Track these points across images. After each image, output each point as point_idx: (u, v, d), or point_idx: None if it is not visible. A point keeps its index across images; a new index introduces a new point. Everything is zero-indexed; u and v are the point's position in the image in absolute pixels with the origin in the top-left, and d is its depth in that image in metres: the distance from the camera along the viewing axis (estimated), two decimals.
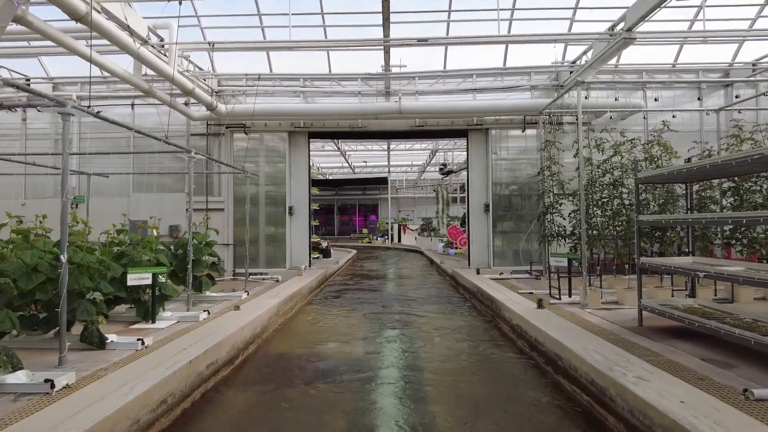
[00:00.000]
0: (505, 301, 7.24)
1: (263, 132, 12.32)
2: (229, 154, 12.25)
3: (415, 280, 13.01)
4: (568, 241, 9.47)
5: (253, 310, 6.71)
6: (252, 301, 7.85)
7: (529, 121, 12.09)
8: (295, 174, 12.51)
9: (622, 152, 8.25)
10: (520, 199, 12.31)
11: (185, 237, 9.11)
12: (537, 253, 12.15)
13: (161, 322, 6.70)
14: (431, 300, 9.77)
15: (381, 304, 9.25)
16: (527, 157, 12.28)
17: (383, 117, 11.41)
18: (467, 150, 12.64)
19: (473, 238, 12.38)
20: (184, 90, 9.48)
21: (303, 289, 9.33)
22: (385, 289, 11.55)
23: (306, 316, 8.31)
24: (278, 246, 12.24)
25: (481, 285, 9.09)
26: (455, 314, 8.35)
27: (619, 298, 8.00)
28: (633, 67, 12.26)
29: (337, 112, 11.13)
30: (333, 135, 13.29)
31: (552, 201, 9.46)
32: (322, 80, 12.26)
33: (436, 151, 21.92)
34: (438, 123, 12.16)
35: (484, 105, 11.17)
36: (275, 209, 12.29)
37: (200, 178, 12.21)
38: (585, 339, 5.09)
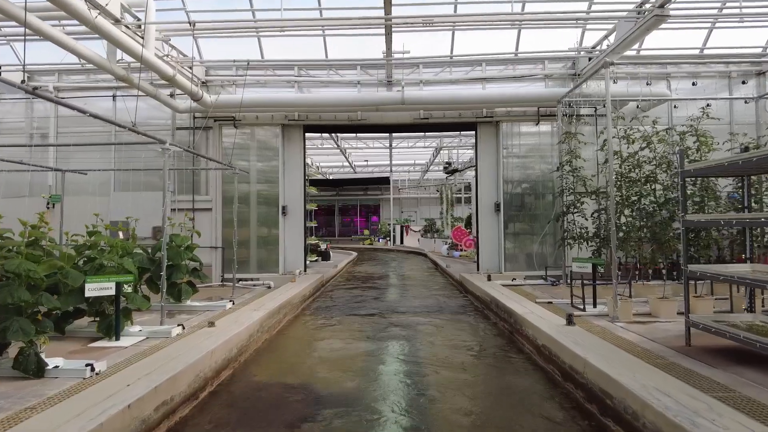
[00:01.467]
0: (526, 315, 6.25)
1: (254, 125, 11.38)
2: (217, 150, 11.31)
3: (420, 287, 12.02)
4: (590, 244, 8.49)
5: (231, 327, 5.74)
6: (233, 314, 6.87)
7: (544, 114, 11.11)
8: (289, 171, 11.56)
9: (655, 144, 7.27)
10: (533, 198, 11.34)
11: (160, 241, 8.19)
12: (552, 257, 11.18)
13: (126, 339, 5.76)
14: (438, 311, 8.77)
15: (382, 316, 8.27)
16: (541, 152, 11.31)
17: (385, 108, 10.46)
18: (476, 145, 11.68)
19: (482, 241, 11.40)
20: (163, 76, 8.55)
21: (294, 298, 8.35)
22: (386, 297, 10.57)
23: (296, 331, 7.33)
24: (271, 249, 11.30)
25: (495, 294, 8.12)
26: (466, 329, 7.34)
27: (653, 310, 7.03)
28: (655, 52, 11.28)
29: (334, 103, 10.17)
30: (330, 129, 12.35)
31: (573, 199, 8.49)
32: (318, 69, 11.32)
33: (441, 149, 20.96)
34: (444, 115, 11.20)
35: (495, 94, 10.21)
36: (268, 209, 11.35)
37: (186, 176, 11.29)
38: (633, 367, 4.12)
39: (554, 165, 11.23)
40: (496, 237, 11.35)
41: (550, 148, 11.30)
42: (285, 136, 11.54)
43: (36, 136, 11.77)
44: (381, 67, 11.03)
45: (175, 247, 7.94)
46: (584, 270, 7.83)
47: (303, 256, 11.51)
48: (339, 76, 11.20)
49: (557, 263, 11.13)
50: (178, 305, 7.99)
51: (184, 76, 9.42)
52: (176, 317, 7.40)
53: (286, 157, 11.54)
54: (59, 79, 11.51)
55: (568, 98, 8.92)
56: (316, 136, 20.06)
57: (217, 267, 11.18)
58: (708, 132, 7.19)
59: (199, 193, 11.36)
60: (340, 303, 9.61)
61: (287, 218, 11.50)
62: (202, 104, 10.14)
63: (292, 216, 11.50)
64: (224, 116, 11.16)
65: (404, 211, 36.82)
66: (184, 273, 7.96)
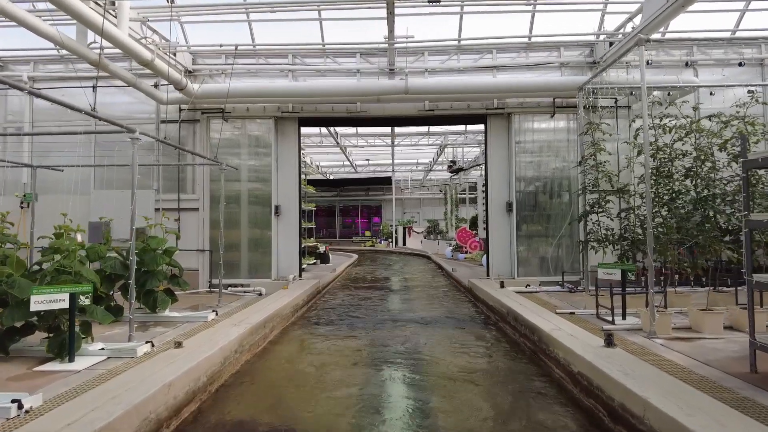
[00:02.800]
0: (553, 333, 5.30)
1: (245, 118, 10.50)
2: (205, 145, 10.43)
3: (425, 294, 11.07)
4: (616, 248, 7.58)
5: (203, 347, 4.81)
6: (209, 330, 5.94)
7: (560, 105, 10.21)
8: (283, 168, 10.67)
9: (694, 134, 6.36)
10: (548, 197, 10.43)
11: (138, 243, 7.32)
12: (568, 261, 10.27)
13: (82, 360, 4.88)
14: (447, 323, 7.81)
15: (384, 330, 7.31)
16: (557, 147, 10.40)
17: (387, 99, 9.56)
18: (486, 140, 10.77)
19: (493, 243, 10.49)
20: (140, 59, 7.68)
21: (285, 309, 7.44)
22: (388, 306, 9.63)
23: (283, 350, 6.35)
24: (263, 252, 10.40)
25: (511, 304, 7.20)
26: (481, 347, 6.39)
27: (694, 323, 6.13)
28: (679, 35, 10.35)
29: (331, 92, 9.28)
30: (327, 122, 11.44)
31: (598, 198, 7.57)
32: (313, 56, 10.43)
33: (445, 147, 20.07)
34: (451, 107, 10.30)
35: (507, 83, 9.31)
36: (260, 210, 10.46)
37: (172, 173, 10.41)
38: (701, 405, 3.22)
39: (571, 161, 10.34)
40: (508, 239, 10.44)
41: (566, 143, 10.39)
42: (278, 130, 10.65)
43: (11, 131, 10.92)
44: (382, 54, 10.14)
45: (150, 250, 7.07)
46: (612, 277, 6.94)
47: (298, 260, 10.61)
48: (337, 64, 10.32)
49: (573, 268, 10.23)
50: (154, 316, 7.12)
51: (166, 63, 8.55)
52: (150, 330, 6.54)
53: (279, 152, 10.65)
54: (35, 69, 10.66)
55: (591, 85, 8.00)
56: (314, 132, 19.22)
57: (204, 272, 10.30)
58: (757, 119, 6.28)
59: (186, 192, 10.48)
60: (336, 314, 8.66)
61: (281, 219, 10.61)
62: (186, 94, 9.27)
63: (286, 216, 10.61)
64: (212, 108, 10.29)
65: (407, 212, 35.93)
66: (161, 280, 7.10)
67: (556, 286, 9.94)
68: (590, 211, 7.59)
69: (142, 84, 8.95)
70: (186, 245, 10.25)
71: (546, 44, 10.33)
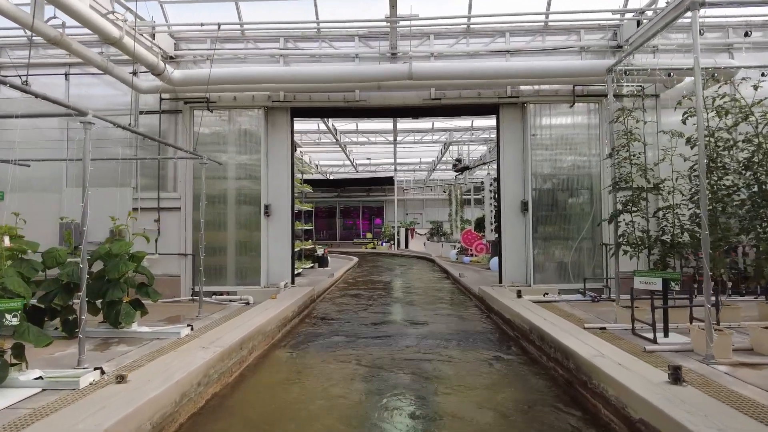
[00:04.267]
0: (596, 361, 4.22)
1: (232, 108, 9.51)
2: (188, 138, 9.45)
3: (431, 304, 9.98)
4: (652, 253, 6.56)
5: (153, 382, 3.78)
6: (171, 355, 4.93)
7: (580, 93, 9.21)
8: (274, 163, 9.68)
9: (755, 117, 5.34)
10: (567, 196, 9.41)
11: (104, 246, 6.35)
12: (590, 266, 9.25)
13: (7, 395, 3.89)
14: (459, 342, 6.71)
15: (386, 350, 6.25)
16: (577, 140, 9.39)
17: (388, 86, 8.56)
18: (498, 132, 9.75)
19: (506, 246, 9.47)
20: (105, 37, 6.70)
21: (269, 324, 6.40)
22: (391, 319, 8.58)
23: (262, 379, 5.24)
24: (252, 257, 9.40)
25: (533, 318, 6.17)
26: (503, 375, 5.30)
27: (757, 343, 5.13)
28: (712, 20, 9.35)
29: (327, 77, 8.27)
30: (322, 112, 10.40)
31: (632, 195, 6.55)
32: (307, 41, 9.44)
33: (450, 144, 19.04)
34: (460, 95, 9.29)
35: (523, 66, 8.30)
36: (249, 209, 9.46)
37: (153, 170, 9.43)
38: None
39: (592, 156, 9.34)
40: (523, 242, 9.41)
41: (587, 136, 9.38)
42: (269, 121, 9.65)
43: None
44: (383, 37, 9.15)
45: (113, 255, 6.08)
46: (651, 287, 5.93)
47: (290, 265, 9.60)
48: (333, 49, 9.33)
49: (595, 274, 9.21)
50: (120, 332, 6.15)
51: (139, 44, 7.57)
52: (110, 350, 5.57)
53: (270, 146, 9.65)
54: (0, 54, 9.70)
55: (623, 66, 6.97)
56: (312, 129, 18.21)
57: (186, 278, 9.31)
58: None
59: (167, 190, 9.50)
60: (330, 329, 7.58)
61: (271, 220, 9.61)
62: (165, 80, 8.30)
63: (278, 217, 9.61)
64: (196, 98, 9.32)
65: (409, 213, 34.93)
66: (126, 290, 6.11)
67: (577, 295, 8.93)
68: (624, 209, 6.56)
69: (115, 69, 7.98)
70: (167, 248, 9.30)
71: (564, 26, 9.34)
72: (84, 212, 4.93)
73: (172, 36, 9.47)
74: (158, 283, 9.47)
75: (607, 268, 9.14)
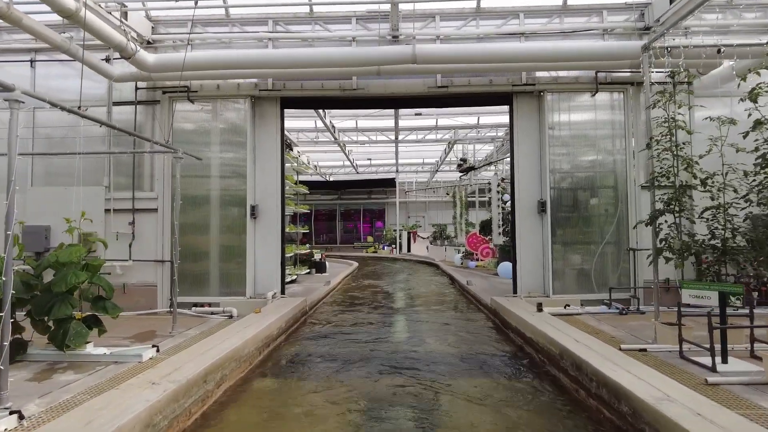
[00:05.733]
0: (663, 408, 3.08)
1: (216, 98, 8.56)
2: (167, 131, 8.50)
3: (438, 318, 8.86)
4: (706, 261, 5.55)
5: None
6: (108, 396, 3.91)
7: (603, 80, 8.24)
8: (262, 159, 8.71)
9: None
10: (589, 195, 8.43)
11: (53, 255, 5.39)
12: (616, 274, 8.27)
13: None
14: (473, 369, 5.60)
15: (385, 381, 5.14)
16: (600, 133, 8.42)
17: (389, 71, 7.60)
18: (511, 124, 8.77)
19: (521, 252, 8.47)
20: (60, 9, 5.75)
21: (246, 347, 5.34)
22: (391, 337, 7.49)
23: (229, 422, 4.12)
24: (238, 264, 8.42)
25: (562, 339, 5.16)
26: (533, 422, 4.25)
27: None
28: None
29: (320, 61, 7.30)
30: (316, 102, 9.39)
31: (675, 193, 5.55)
32: (299, 24, 8.50)
33: (454, 143, 18.07)
34: (469, 83, 8.32)
35: (541, 49, 7.32)
36: (235, 211, 8.49)
37: (126, 167, 8.48)
38: None
39: (616, 150, 8.37)
40: (540, 247, 8.42)
41: (610, 128, 8.41)
42: (256, 113, 8.69)
43: None
44: (384, 19, 8.20)
45: (59, 265, 5.11)
46: (704, 303, 4.96)
47: (279, 273, 8.60)
48: (327, 31, 8.38)
49: (621, 282, 8.22)
50: (71, 354, 5.16)
51: (104, 20, 6.63)
52: (53, 378, 4.61)
53: (257, 140, 8.69)
54: None
55: (662, 42, 5.98)
56: (309, 127, 17.29)
57: (164, 287, 8.34)
58: None
59: (143, 189, 8.55)
60: (322, 351, 6.46)
61: (259, 222, 8.64)
62: (137, 64, 7.35)
63: (266, 219, 8.63)
64: (175, 87, 8.38)
65: (411, 216, 33.96)
66: (76, 305, 5.15)
67: (601, 306, 7.94)
68: (667, 209, 5.57)
69: (79, 52, 7.02)
70: (142, 254, 8.35)
71: (585, 6, 8.38)
72: (9, 213, 3.95)
73: (150, 19, 8.55)
74: (133, 292, 8.58)
75: (635, 277, 8.15)
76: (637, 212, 8.17)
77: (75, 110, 4.89)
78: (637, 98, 8.31)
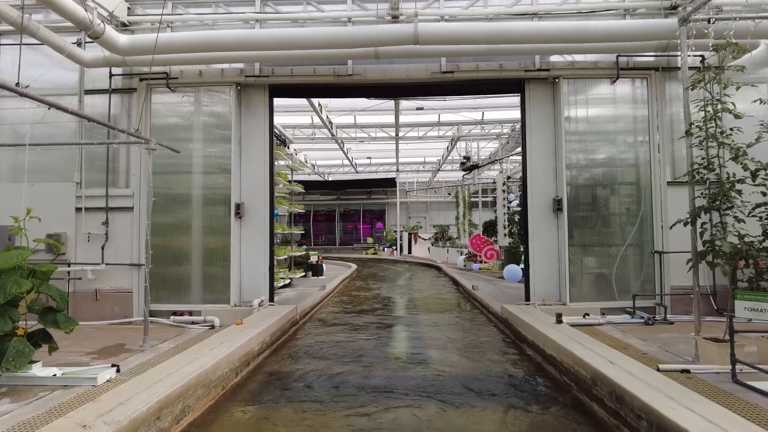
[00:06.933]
0: None
1: (198, 86, 7.79)
2: (144, 122, 7.72)
3: (442, 330, 7.83)
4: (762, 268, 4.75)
5: None
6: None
7: (624, 66, 7.47)
8: (249, 153, 7.92)
9: None
10: (609, 192, 7.64)
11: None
12: (639, 279, 7.48)
13: None
14: (485, 396, 4.70)
15: (383, 417, 4.35)
16: (621, 124, 7.63)
17: (389, 53, 6.82)
18: (523, 115, 7.98)
19: (534, 254, 7.67)
20: None
21: (218, 368, 4.45)
22: (391, 351, 6.58)
23: None
24: (223, 268, 7.64)
25: (595, 362, 4.32)
26: None
27: None
28: None
29: (312, 41, 6.50)
30: (308, 90, 8.51)
31: (721, 187, 4.76)
32: (289, 4, 7.74)
33: (457, 140, 17.28)
34: (477, 67, 7.53)
35: (557, 29, 6.51)
36: (219, 210, 7.71)
37: (100, 163, 7.71)
38: None
39: (638, 143, 7.59)
40: (555, 249, 7.63)
41: (632, 119, 7.63)
42: (242, 102, 7.91)
43: None
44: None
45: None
46: (763, 317, 4.19)
47: (267, 278, 7.80)
48: (320, 11, 7.61)
49: (644, 289, 7.43)
50: (16, 376, 4.38)
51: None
52: None
53: (243, 132, 7.92)
54: None
55: (703, 15, 5.18)
56: (305, 123, 16.52)
57: (140, 294, 7.53)
58: None
59: (118, 186, 7.78)
60: (309, 372, 5.50)
61: (245, 222, 7.85)
62: (106, 45, 6.58)
63: (253, 219, 7.85)
64: (154, 73, 7.61)
65: (412, 217, 33.19)
66: (16, 320, 4.36)
67: (624, 315, 7.17)
68: (710, 207, 4.78)
69: (41, 31, 6.27)
70: (116, 257, 7.58)
71: None
72: None
73: None
74: (106, 299, 7.79)
75: (661, 282, 7.36)
76: (663, 211, 7.39)
77: (33, 95, 4.11)
78: (662, 85, 7.54)
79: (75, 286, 7.55)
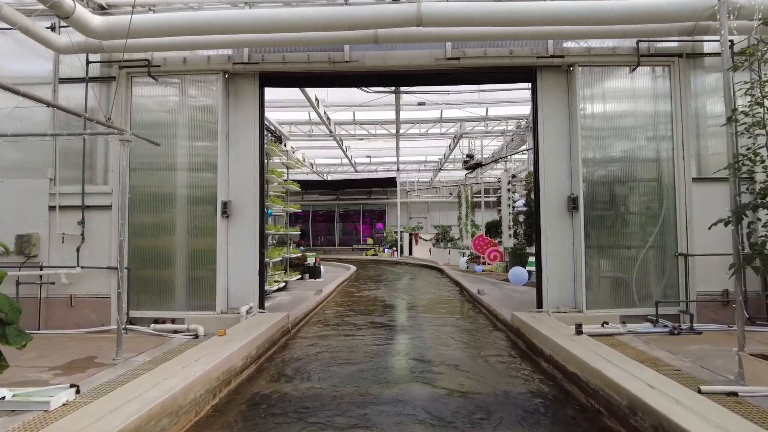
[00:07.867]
0: None
1: (183, 74, 7.19)
2: (124, 114, 7.13)
3: (447, 341, 7.03)
4: None
5: None
6: None
7: (645, 52, 6.87)
8: (237, 147, 7.32)
9: None
10: (628, 190, 7.04)
11: None
12: (660, 284, 6.88)
13: None
14: (500, 426, 3.98)
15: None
16: (641, 116, 7.03)
17: (389, 37, 6.21)
18: (534, 106, 7.38)
19: (547, 257, 7.06)
20: None
21: (189, 391, 3.69)
22: (390, 366, 5.83)
23: None
24: (209, 272, 7.03)
25: (632, 385, 3.65)
26: None
27: None
28: None
29: (305, 23, 5.89)
30: (301, 79, 7.82)
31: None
32: None
33: (460, 137, 16.68)
34: (485, 53, 6.92)
35: (574, 8, 5.88)
36: (206, 210, 7.11)
37: (76, 158, 7.10)
38: None
39: (660, 137, 6.99)
40: (570, 252, 7.02)
41: (653, 112, 7.02)
42: (230, 92, 7.31)
43: None
44: None
45: None
46: None
47: (257, 283, 7.18)
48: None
49: (667, 294, 6.83)
50: None
51: None
52: None
53: (232, 124, 7.31)
54: None
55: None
56: (302, 120, 15.96)
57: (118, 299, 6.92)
58: None
59: (96, 183, 7.18)
60: (297, 394, 4.74)
61: (233, 222, 7.25)
62: (78, 27, 5.98)
63: (241, 219, 7.24)
64: (135, 61, 7.02)
65: (413, 217, 32.61)
66: None
67: (645, 324, 6.58)
68: (760, 203, 4.17)
69: (3, 11, 5.67)
70: (93, 259, 6.98)
71: None
72: None
73: None
74: (81, 305, 7.17)
75: (686, 288, 6.75)
76: (688, 210, 6.79)
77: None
78: (687, 73, 6.94)
79: (48, 291, 6.95)
